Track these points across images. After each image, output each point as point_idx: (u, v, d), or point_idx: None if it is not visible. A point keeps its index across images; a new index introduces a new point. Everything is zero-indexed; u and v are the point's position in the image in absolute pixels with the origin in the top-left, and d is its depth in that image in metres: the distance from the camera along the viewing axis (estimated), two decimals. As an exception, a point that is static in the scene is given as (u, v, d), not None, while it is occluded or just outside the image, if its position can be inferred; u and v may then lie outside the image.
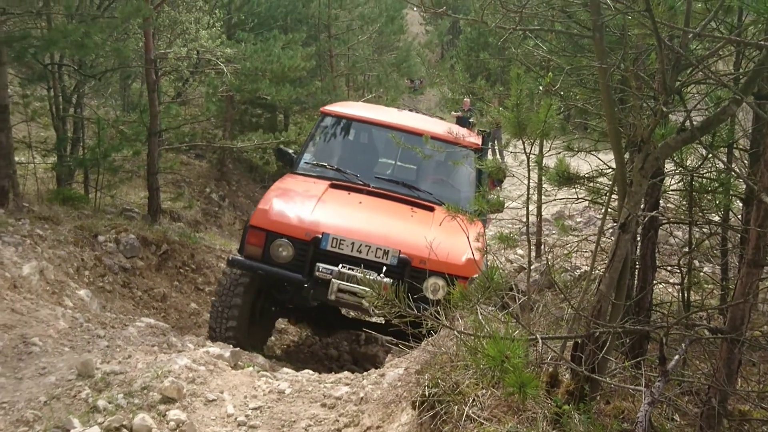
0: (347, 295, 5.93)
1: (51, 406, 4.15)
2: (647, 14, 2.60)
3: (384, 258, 6.04)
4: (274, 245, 6.37)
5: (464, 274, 5.83)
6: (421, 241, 5.99)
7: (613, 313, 3.07)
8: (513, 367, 2.32)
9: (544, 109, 3.10)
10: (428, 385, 3.26)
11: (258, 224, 6.51)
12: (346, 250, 6.08)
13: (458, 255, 6.07)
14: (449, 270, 5.64)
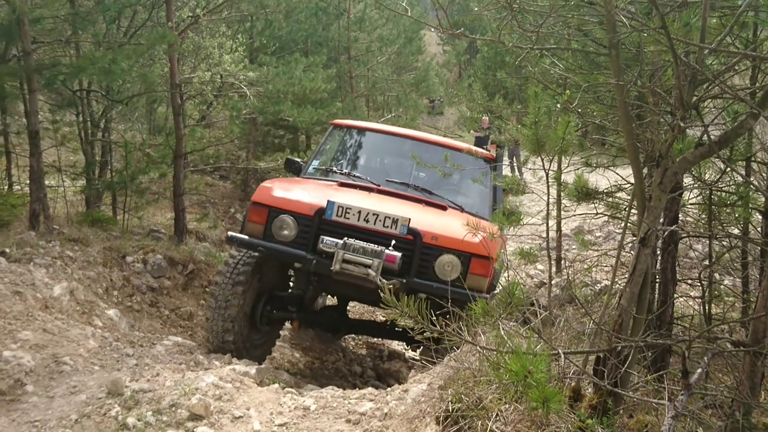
0: (352, 266, 5.47)
1: (82, 423, 4.18)
2: (663, 31, 2.60)
3: (393, 227, 5.56)
4: (277, 222, 5.95)
5: (479, 253, 5.51)
6: (432, 222, 5.87)
7: (634, 328, 3.04)
8: (536, 382, 2.31)
9: (562, 127, 3.10)
10: (452, 400, 3.24)
11: (260, 200, 6.10)
12: (352, 219, 5.62)
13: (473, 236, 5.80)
14: (464, 248, 5.52)
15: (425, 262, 5.64)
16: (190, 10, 11.50)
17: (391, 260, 5.44)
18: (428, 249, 5.64)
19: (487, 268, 5.53)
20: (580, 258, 8.20)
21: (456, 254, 5.58)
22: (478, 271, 5.56)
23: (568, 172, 5.11)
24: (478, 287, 5.45)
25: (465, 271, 5.56)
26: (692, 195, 4.90)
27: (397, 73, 23.59)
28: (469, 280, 5.49)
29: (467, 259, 5.56)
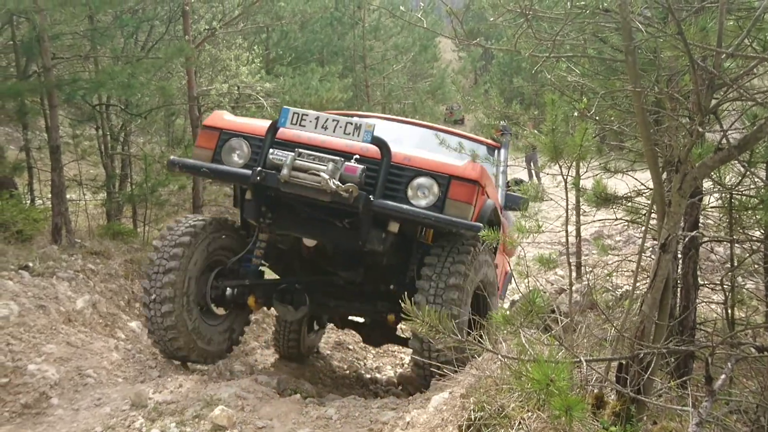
0: (303, 174, 4.64)
1: (106, 436, 4.21)
2: (679, 37, 2.59)
3: (355, 134, 4.63)
4: (227, 146, 5.23)
5: (461, 175, 4.80)
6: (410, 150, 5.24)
7: (656, 334, 3.03)
8: (558, 389, 2.30)
9: (580, 134, 3.09)
10: (474, 408, 3.24)
11: (211, 123, 5.39)
12: (309, 126, 4.70)
13: (460, 159, 5.08)
14: (441, 169, 4.84)
15: (395, 184, 4.86)
16: (206, 23, 11.60)
17: (352, 170, 4.66)
18: (399, 169, 4.89)
19: (471, 194, 4.78)
20: (601, 263, 8.16)
21: (432, 176, 4.82)
22: (459, 196, 4.77)
23: (587, 177, 5.08)
24: (460, 215, 4.72)
25: (443, 197, 4.78)
26: (713, 199, 4.87)
27: (413, 81, 23.66)
28: (449, 206, 4.75)
29: (446, 182, 4.80)
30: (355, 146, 4.85)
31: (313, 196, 4.68)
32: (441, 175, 4.82)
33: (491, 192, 5.28)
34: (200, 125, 5.68)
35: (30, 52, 8.26)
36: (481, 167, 4.87)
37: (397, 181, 4.87)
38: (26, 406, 4.50)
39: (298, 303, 5.69)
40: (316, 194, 4.62)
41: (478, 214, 4.88)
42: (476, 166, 4.87)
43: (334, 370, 8.52)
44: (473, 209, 4.78)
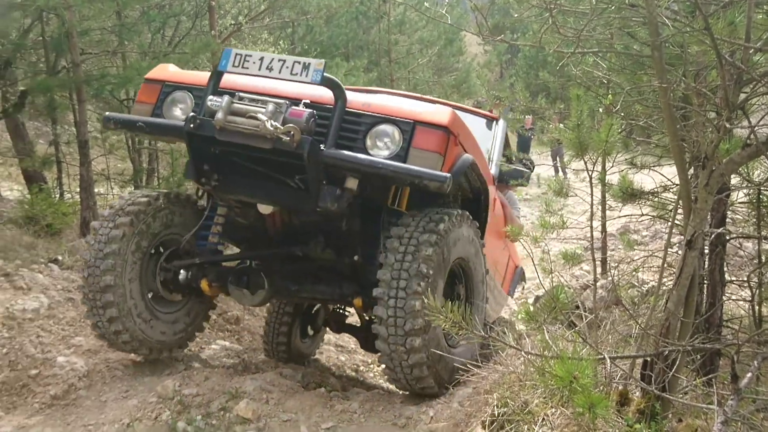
0: (241, 119, 4.08)
1: (134, 427, 4.27)
2: (706, 32, 2.57)
3: (303, 74, 4.04)
4: (170, 99, 4.71)
5: (429, 120, 4.20)
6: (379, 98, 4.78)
7: (682, 331, 3.01)
8: (582, 387, 2.30)
9: (606, 129, 3.08)
10: (497, 404, 3.24)
11: (153, 76, 4.89)
12: (252, 69, 4.14)
13: (430, 106, 4.59)
14: (406, 115, 4.24)
15: (352, 133, 4.29)
16: (232, 18, 11.67)
17: (297, 114, 4.07)
18: (356, 116, 4.31)
19: (439, 142, 4.17)
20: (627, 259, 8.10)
21: (393, 123, 4.23)
22: (425, 144, 4.16)
23: (613, 173, 5.05)
24: (426, 167, 4.10)
25: (407, 146, 4.17)
26: (740, 195, 4.82)
27: (438, 75, 23.57)
28: (413, 156, 4.14)
29: (410, 129, 4.18)
30: (306, 92, 4.31)
31: (252, 144, 4.10)
32: (404, 121, 4.22)
33: (471, 147, 4.64)
34: (144, 79, 4.93)
35: (59, 47, 8.35)
36: (452, 112, 4.28)
37: (353, 130, 4.29)
38: (55, 397, 4.57)
39: (256, 286, 4.93)
40: (255, 141, 4.06)
41: (450, 166, 4.23)
42: (446, 111, 4.29)
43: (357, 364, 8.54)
44: (443, 160, 4.16)
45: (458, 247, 4.55)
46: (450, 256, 4.44)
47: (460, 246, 4.58)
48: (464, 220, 4.63)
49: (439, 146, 4.15)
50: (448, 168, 4.17)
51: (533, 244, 4.47)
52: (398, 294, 4.14)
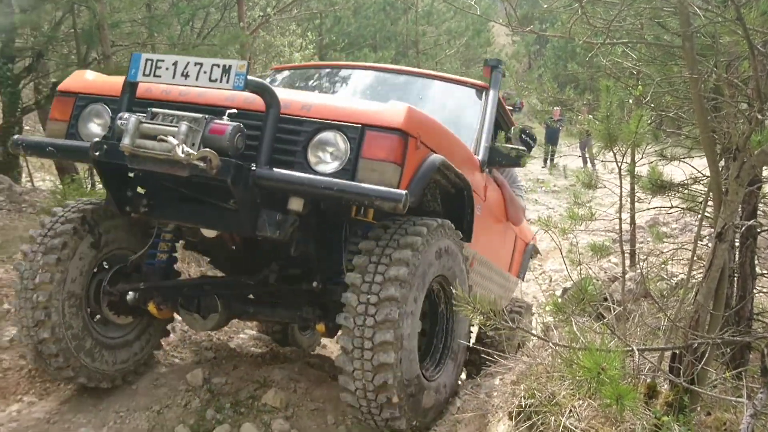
0: (151, 143, 3.35)
1: (164, 415, 4.33)
2: (738, 22, 2.54)
3: (224, 80, 3.30)
4: (85, 114, 4.00)
5: (381, 123, 3.44)
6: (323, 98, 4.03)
7: (711, 324, 2.99)
8: (609, 378, 2.30)
9: (635, 121, 3.06)
10: (524, 395, 3.25)
11: (66, 87, 4.15)
12: (166, 76, 3.43)
13: (374, 103, 3.70)
14: (353, 118, 3.49)
15: (291, 145, 3.54)
16: (261, 10, 11.73)
17: (218, 131, 3.37)
18: (294, 123, 3.55)
19: (395, 150, 3.40)
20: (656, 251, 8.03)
21: (338, 129, 3.48)
22: (377, 153, 3.41)
23: (642, 165, 5.00)
24: (380, 180, 3.37)
25: (355, 157, 3.42)
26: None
27: (466, 66, 23.47)
28: (363, 169, 3.41)
29: (357, 136, 3.43)
30: (237, 98, 3.63)
31: (168, 171, 3.43)
32: (350, 125, 3.47)
33: (442, 142, 3.93)
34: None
35: (90, 39, 8.46)
36: (408, 109, 3.50)
37: (292, 141, 3.55)
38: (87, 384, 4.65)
39: (208, 309, 4.42)
40: (170, 168, 3.38)
41: (411, 176, 3.50)
42: (401, 109, 3.49)
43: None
44: (401, 170, 3.42)
45: (439, 263, 3.89)
46: (429, 275, 3.79)
47: (442, 262, 3.93)
48: (446, 231, 3.97)
49: (395, 154, 3.41)
50: (408, 178, 3.47)
51: (561, 235, 4.45)
52: (366, 322, 3.47)
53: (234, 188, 3.39)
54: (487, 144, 4.96)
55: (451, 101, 5.39)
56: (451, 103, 5.36)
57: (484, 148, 4.96)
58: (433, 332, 4.21)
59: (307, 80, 5.86)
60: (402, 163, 3.40)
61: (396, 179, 3.39)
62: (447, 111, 5.19)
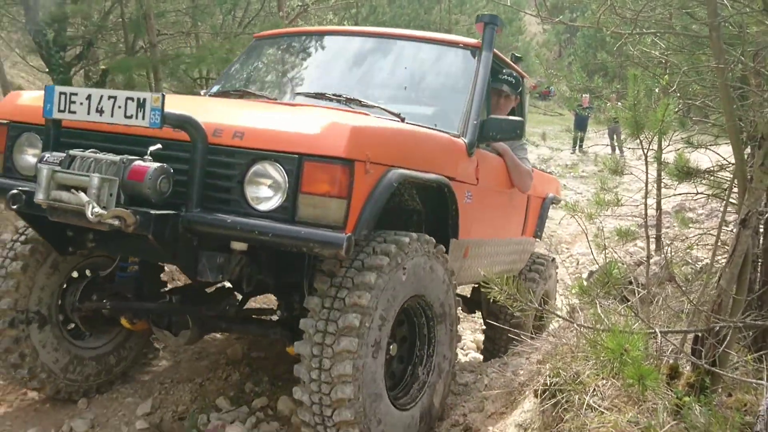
0: (67, 195, 2.88)
1: (205, 387, 4.42)
2: (765, 12, 2.50)
3: (139, 117, 2.81)
4: (18, 144, 3.49)
5: (320, 151, 2.89)
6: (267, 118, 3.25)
7: (734, 308, 2.96)
8: (632, 359, 2.29)
9: (662, 109, 3.02)
10: (549, 374, 3.25)
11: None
12: (81, 112, 2.94)
13: (318, 123, 2.99)
14: (289, 146, 2.92)
15: (226, 180, 3.02)
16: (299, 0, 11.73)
17: (137, 176, 2.86)
18: (227, 155, 3.01)
19: (338, 181, 2.89)
20: (681, 236, 7.94)
21: (275, 159, 2.93)
22: (316, 187, 2.90)
23: (669, 151, 4.94)
24: (323, 217, 2.90)
25: (294, 192, 2.91)
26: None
27: (498, 54, 23.27)
28: (304, 206, 2.91)
29: (295, 167, 2.90)
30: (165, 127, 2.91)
31: (88, 226, 2.96)
32: (286, 155, 2.92)
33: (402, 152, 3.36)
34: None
35: (137, 29, 8.56)
36: (351, 129, 2.95)
37: (226, 175, 3.02)
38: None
39: (178, 327, 3.96)
40: (89, 224, 2.85)
41: (361, 207, 2.99)
42: (344, 130, 2.93)
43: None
44: (346, 204, 2.92)
45: (414, 282, 3.41)
46: (399, 297, 3.32)
47: (417, 281, 3.44)
48: (421, 246, 3.45)
49: (338, 187, 2.89)
50: (358, 209, 2.97)
51: (588, 220, 4.42)
52: (324, 352, 3.05)
53: (157, 241, 2.93)
54: (476, 121, 4.17)
55: (439, 66, 4.58)
56: (438, 69, 4.56)
57: (472, 126, 4.17)
58: (411, 356, 3.77)
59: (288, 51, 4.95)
60: (348, 195, 2.91)
61: (341, 214, 2.92)
62: (434, 79, 4.56)
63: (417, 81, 4.53)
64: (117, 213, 2.78)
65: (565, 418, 2.96)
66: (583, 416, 2.86)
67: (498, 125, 4.19)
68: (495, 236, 4.93)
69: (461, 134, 4.13)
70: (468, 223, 4.13)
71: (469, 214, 4.12)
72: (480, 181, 4.28)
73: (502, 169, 4.83)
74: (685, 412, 2.65)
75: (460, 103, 4.28)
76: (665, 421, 2.63)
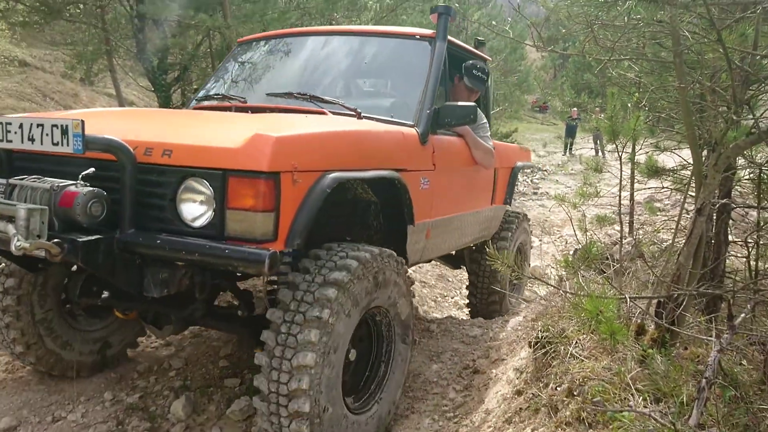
0: (3, 224, 2.32)
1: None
2: (719, 42, 2.44)
3: (64, 144, 2.33)
4: None
5: (243, 165, 2.36)
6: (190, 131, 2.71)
7: (690, 279, 2.91)
8: (606, 319, 2.28)
9: (634, 120, 2.98)
10: (541, 329, 3.23)
11: None
12: (16, 141, 2.48)
13: (242, 136, 2.45)
14: (216, 161, 2.40)
15: (159, 198, 2.51)
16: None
17: (66, 202, 2.42)
18: (158, 173, 2.51)
19: (264, 195, 2.36)
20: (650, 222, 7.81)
21: (202, 175, 2.43)
22: (242, 201, 2.39)
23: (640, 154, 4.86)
24: (250, 232, 2.38)
25: (221, 207, 2.42)
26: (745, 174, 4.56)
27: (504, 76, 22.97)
28: (231, 221, 2.41)
29: (220, 182, 2.40)
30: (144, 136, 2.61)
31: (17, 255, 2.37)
32: (211, 171, 2.40)
33: (338, 154, 2.76)
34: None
35: (222, 57, 8.63)
36: (277, 142, 2.38)
37: (159, 194, 2.50)
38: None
39: (161, 322, 3.36)
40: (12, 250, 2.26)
41: (292, 218, 2.46)
42: (268, 143, 2.36)
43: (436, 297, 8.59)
44: (274, 217, 2.39)
45: (373, 295, 2.91)
46: (359, 309, 2.80)
47: (378, 293, 2.94)
48: (382, 260, 2.93)
49: (264, 200, 2.34)
50: (288, 221, 2.44)
51: (573, 209, 4.37)
52: (282, 365, 2.54)
53: (90, 266, 2.44)
54: (429, 111, 3.60)
55: (397, 59, 3.99)
56: (396, 62, 3.99)
57: (426, 116, 3.59)
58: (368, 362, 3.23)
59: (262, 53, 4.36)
60: (275, 207, 2.38)
61: (269, 228, 2.38)
62: (392, 71, 4.01)
63: (376, 74, 4.02)
64: (39, 245, 2.26)
65: (552, 364, 2.95)
66: (567, 363, 2.85)
67: (452, 112, 3.63)
68: (461, 211, 4.29)
69: (416, 124, 3.55)
70: (426, 207, 3.62)
71: (427, 199, 3.60)
72: (438, 166, 3.70)
73: (462, 150, 4.20)
74: (649, 361, 2.62)
75: (415, 94, 3.70)
76: (632, 367, 2.61)
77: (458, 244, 4.60)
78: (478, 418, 3.16)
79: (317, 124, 2.89)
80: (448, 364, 4.00)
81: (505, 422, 2.87)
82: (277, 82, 4.04)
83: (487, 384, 3.57)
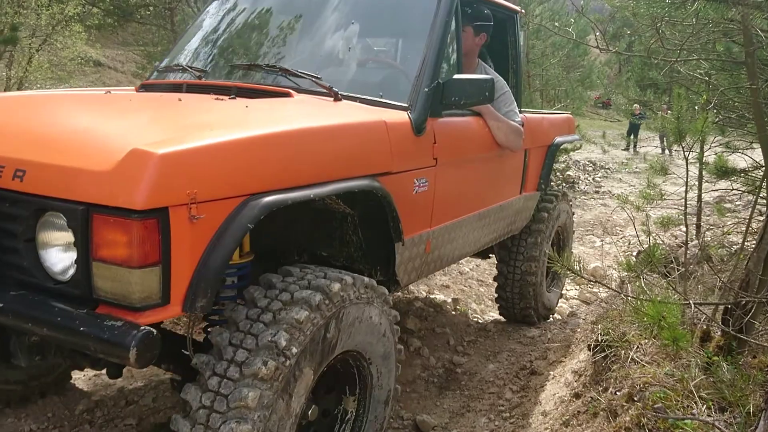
0: None
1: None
2: (795, 42, 2.36)
3: None
4: None
5: (114, 202, 1.50)
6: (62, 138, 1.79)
7: (759, 286, 2.82)
8: (668, 324, 2.25)
9: (701, 122, 2.90)
10: (601, 333, 3.20)
11: None
12: None
13: (120, 149, 1.55)
14: (76, 189, 1.56)
15: (7, 238, 1.72)
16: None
17: None
18: (10, 203, 1.70)
19: (142, 241, 1.52)
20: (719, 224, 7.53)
21: (59, 210, 1.61)
22: (111, 252, 1.54)
23: (709, 155, 4.71)
24: (127, 295, 1.55)
25: (86, 259, 1.58)
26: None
27: (567, 71, 22.47)
28: (98, 276, 1.58)
29: (81, 222, 1.56)
30: None
31: None
32: (70, 206, 1.60)
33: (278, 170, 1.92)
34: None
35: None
36: (161, 160, 1.54)
37: (14, 232, 1.72)
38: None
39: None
40: None
41: (190, 275, 1.68)
42: (150, 161, 1.53)
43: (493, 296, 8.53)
44: (160, 272, 1.60)
45: (349, 336, 2.11)
46: (322, 354, 1.98)
47: (353, 334, 2.13)
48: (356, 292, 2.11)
49: (140, 250, 1.55)
50: (187, 273, 1.66)
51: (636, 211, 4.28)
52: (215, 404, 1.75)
53: None
54: (428, 88, 2.68)
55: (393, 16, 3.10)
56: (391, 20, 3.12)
57: (424, 96, 2.67)
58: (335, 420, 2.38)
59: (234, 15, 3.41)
60: (161, 259, 1.59)
61: (154, 288, 1.59)
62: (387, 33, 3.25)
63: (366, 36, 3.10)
64: None
65: (612, 368, 2.92)
66: (627, 367, 2.82)
67: (460, 88, 2.69)
68: (477, 210, 3.41)
69: (411, 106, 2.65)
70: (424, 214, 2.81)
71: (424, 205, 2.78)
72: (441, 159, 2.81)
73: (478, 132, 3.24)
74: (714, 369, 2.57)
75: (412, 66, 2.77)
76: (696, 374, 2.56)
77: (474, 248, 3.57)
78: (534, 420, 3.16)
79: (249, 120, 2.05)
80: (504, 364, 4.01)
81: (563, 425, 2.86)
82: (248, 47, 3.14)
83: (544, 385, 3.56)
